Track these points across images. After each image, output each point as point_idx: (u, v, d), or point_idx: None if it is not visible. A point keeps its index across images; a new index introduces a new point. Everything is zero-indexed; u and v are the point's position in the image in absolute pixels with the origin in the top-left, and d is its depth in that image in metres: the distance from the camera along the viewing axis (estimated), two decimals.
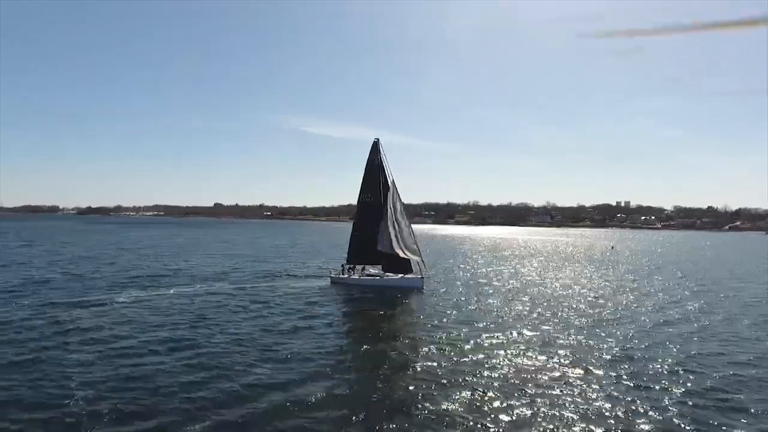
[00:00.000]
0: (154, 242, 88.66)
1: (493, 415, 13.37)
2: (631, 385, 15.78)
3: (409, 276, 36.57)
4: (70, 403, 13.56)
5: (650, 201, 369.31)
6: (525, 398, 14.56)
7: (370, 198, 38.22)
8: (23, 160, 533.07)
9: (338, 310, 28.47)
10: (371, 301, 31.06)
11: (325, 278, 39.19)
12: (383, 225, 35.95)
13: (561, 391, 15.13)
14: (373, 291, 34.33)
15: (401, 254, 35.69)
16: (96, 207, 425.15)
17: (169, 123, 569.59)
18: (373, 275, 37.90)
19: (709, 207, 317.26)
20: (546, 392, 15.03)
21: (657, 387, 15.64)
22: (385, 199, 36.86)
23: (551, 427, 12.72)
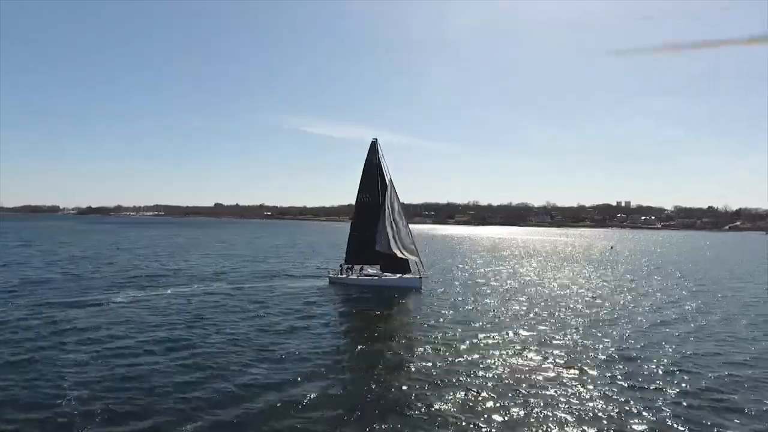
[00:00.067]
0: (153, 242, 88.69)
1: (486, 416, 13.39)
2: (626, 385, 15.78)
3: (407, 276, 36.59)
4: (64, 403, 13.58)
5: (650, 201, 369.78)
6: (519, 398, 14.57)
7: (368, 198, 38.24)
8: (23, 160, 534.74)
9: (336, 310, 28.47)
10: (369, 301, 31.09)
11: (323, 278, 39.21)
12: (381, 225, 35.97)
13: (555, 391, 15.14)
14: (371, 291, 34.35)
15: (399, 254, 35.69)
16: (96, 207, 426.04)
17: (169, 123, 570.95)
18: (371, 275, 37.91)
19: (709, 207, 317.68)
20: (540, 392, 15.04)
21: (652, 387, 15.64)
22: (383, 199, 36.90)
23: (545, 427, 12.73)
